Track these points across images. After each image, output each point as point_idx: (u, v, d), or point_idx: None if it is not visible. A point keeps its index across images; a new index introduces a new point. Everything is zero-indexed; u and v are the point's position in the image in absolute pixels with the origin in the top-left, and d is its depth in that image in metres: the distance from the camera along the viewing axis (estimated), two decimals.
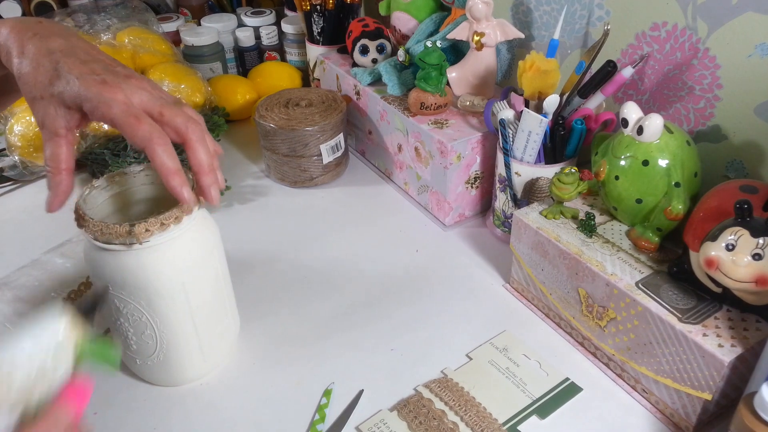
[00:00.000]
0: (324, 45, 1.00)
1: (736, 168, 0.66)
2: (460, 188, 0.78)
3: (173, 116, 0.48)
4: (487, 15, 0.75)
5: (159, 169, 0.46)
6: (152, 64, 0.92)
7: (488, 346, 0.62)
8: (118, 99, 0.45)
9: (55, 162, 0.47)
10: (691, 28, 0.65)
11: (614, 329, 0.57)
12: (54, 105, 0.46)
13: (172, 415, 0.57)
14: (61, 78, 0.45)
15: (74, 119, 0.47)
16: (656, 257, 0.58)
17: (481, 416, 0.55)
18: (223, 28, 1.12)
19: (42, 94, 0.46)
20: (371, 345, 0.63)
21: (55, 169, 0.47)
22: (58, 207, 0.48)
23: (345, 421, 0.55)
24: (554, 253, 0.61)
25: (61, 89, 0.45)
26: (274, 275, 0.73)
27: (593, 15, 0.74)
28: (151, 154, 0.45)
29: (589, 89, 0.68)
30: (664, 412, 0.55)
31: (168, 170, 0.46)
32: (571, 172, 0.62)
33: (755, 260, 0.47)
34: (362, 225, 0.81)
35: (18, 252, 0.76)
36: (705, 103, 0.66)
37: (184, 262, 0.52)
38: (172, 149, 0.46)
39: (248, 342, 0.64)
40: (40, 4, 1.13)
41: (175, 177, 0.46)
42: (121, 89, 0.46)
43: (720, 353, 0.48)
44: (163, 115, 0.47)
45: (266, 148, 0.87)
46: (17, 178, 0.90)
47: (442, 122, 0.78)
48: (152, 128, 0.46)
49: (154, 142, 0.45)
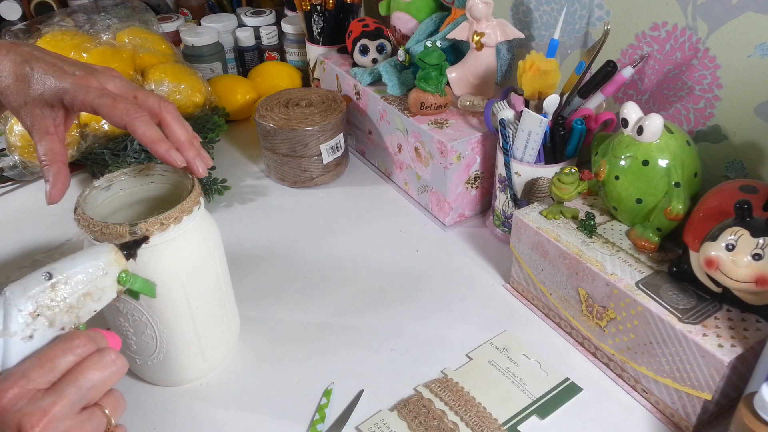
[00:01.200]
0: (324, 45, 1.00)
1: (736, 168, 0.66)
2: (460, 188, 0.78)
3: (146, 97, 0.51)
4: (487, 15, 0.76)
5: (142, 139, 0.49)
6: (152, 64, 0.92)
7: (488, 346, 0.62)
8: (92, 85, 0.49)
9: (50, 155, 0.49)
10: (691, 28, 0.65)
11: (614, 329, 0.57)
12: (38, 106, 0.49)
13: (172, 415, 0.57)
14: (38, 80, 0.49)
15: (59, 116, 0.50)
16: (656, 257, 0.58)
17: (481, 416, 0.55)
18: (223, 28, 1.12)
19: (25, 99, 0.49)
20: (371, 345, 0.63)
21: (51, 161, 0.49)
22: (59, 197, 0.50)
23: (345, 421, 0.55)
24: (554, 253, 0.61)
25: (40, 90, 0.49)
26: (274, 275, 0.73)
27: (593, 15, 0.74)
28: (132, 128, 0.48)
29: (589, 89, 0.68)
30: (664, 412, 0.55)
31: (151, 139, 0.49)
32: (571, 172, 0.62)
33: (755, 260, 0.47)
34: (362, 225, 0.81)
35: (18, 252, 0.76)
36: (705, 103, 0.66)
37: (184, 261, 0.52)
38: (150, 121, 0.50)
39: (248, 342, 0.64)
40: (40, 4, 1.13)
41: (160, 144, 0.50)
42: (94, 77, 0.50)
43: (720, 353, 0.48)
44: (137, 98, 0.51)
45: (266, 148, 0.87)
46: (17, 178, 0.90)
47: (442, 122, 0.78)
48: (128, 105, 0.49)
49: (132, 116, 0.48)
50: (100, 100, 0.48)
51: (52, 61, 0.50)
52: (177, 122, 0.52)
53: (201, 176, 0.52)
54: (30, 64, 0.49)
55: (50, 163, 0.49)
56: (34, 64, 0.49)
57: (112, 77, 0.51)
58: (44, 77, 0.49)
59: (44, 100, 0.49)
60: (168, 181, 0.57)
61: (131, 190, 0.57)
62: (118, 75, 0.52)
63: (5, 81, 0.49)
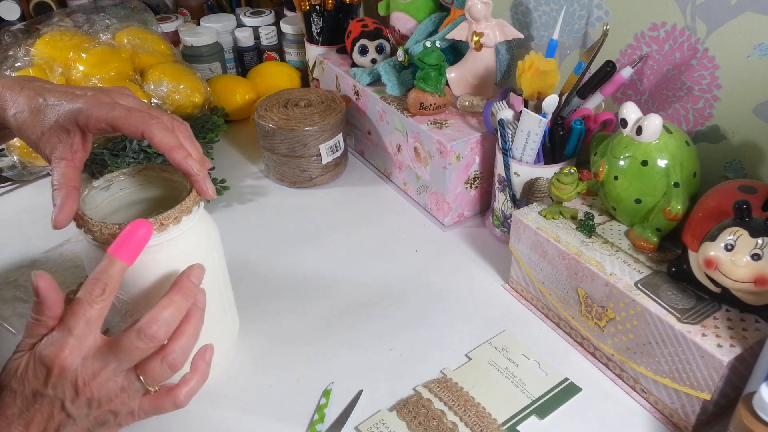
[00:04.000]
0: (323, 45, 1.00)
1: (735, 168, 0.66)
2: (459, 188, 0.78)
3: (159, 115, 0.51)
4: (486, 15, 0.76)
5: (159, 145, 0.49)
6: (151, 64, 0.92)
7: (487, 346, 0.62)
8: (104, 101, 0.49)
9: (62, 180, 0.49)
10: (690, 29, 0.65)
11: (613, 329, 0.57)
12: (55, 134, 0.50)
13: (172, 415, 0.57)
14: (52, 108, 0.49)
15: (77, 141, 0.50)
16: (655, 257, 0.58)
17: (481, 416, 0.55)
18: (222, 28, 1.12)
19: (42, 131, 0.50)
20: (370, 345, 0.63)
21: (62, 185, 0.49)
22: (65, 222, 0.49)
23: (344, 421, 0.55)
24: (553, 253, 0.61)
25: (55, 117, 0.49)
26: (274, 275, 0.73)
27: (592, 15, 0.74)
28: (150, 135, 0.49)
29: (588, 89, 0.68)
30: (663, 412, 0.55)
31: (169, 145, 0.49)
32: (570, 172, 0.62)
33: (754, 260, 0.47)
34: (361, 225, 0.81)
35: (17, 252, 0.76)
36: (704, 104, 0.66)
37: (183, 262, 0.52)
38: (167, 128, 0.50)
39: (247, 342, 0.64)
40: (39, 4, 1.13)
41: (178, 150, 0.49)
42: (107, 95, 0.50)
43: (719, 353, 0.48)
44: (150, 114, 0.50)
45: (265, 149, 0.87)
46: (16, 179, 0.90)
47: (442, 122, 0.78)
48: (144, 113, 0.49)
49: (148, 123, 0.49)
50: (114, 113, 0.49)
51: (62, 90, 0.51)
52: (190, 142, 0.52)
53: (210, 198, 0.52)
54: (42, 95, 0.50)
55: (60, 188, 0.49)
56: (47, 95, 0.50)
57: (125, 95, 0.52)
58: (57, 104, 0.49)
59: (60, 126, 0.49)
60: (167, 182, 0.57)
61: (130, 190, 0.57)
62: (130, 93, 0.53)
63: (22, 116, 0.50)
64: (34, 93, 0.50)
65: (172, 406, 0.47)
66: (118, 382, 0.44)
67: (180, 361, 0.46)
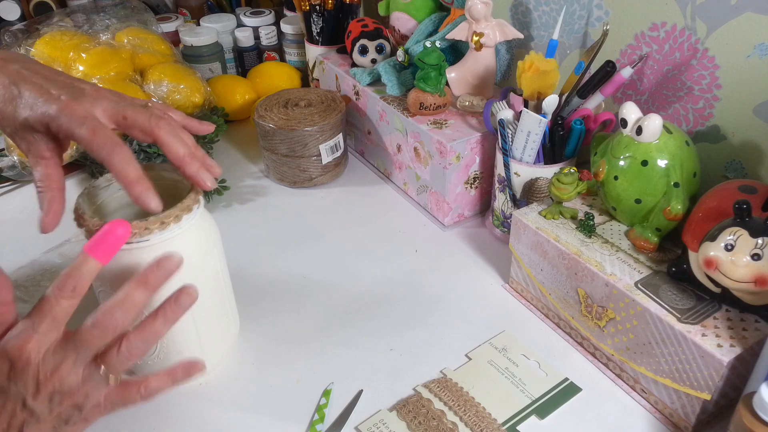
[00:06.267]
0: (323, 45, 1.00)
1: (735, 168, 0.66)
2: (459, 188, 0.78)
3: (136, 116, 0.48)
4: (486, 15, 0.76)
5: (117, 177, 0.46)
6: (151, 64, 0.92)
7: (487, 346, 0.62)
8: (78, 114, 0.46)
9: (46, 181, 0.48)
10: (690, 29, 0.65)
11: (613, 329, 0.57)
12: (29, 132, 0.47)
13: (172, 415, 0.57)
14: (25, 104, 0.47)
15: (51, 142, 0.48)
16: (655, 257, 0.58)
17: (481, 416, 0.55)
18: (222, 28, 1.12)
19: (15, 125, 0.47)
20: (370, 345, 0.63)
21: (46, 187, 0.48)
22: (52, 226, 0.48)
23: (344, 421, 0.55)
24: (553, 253, 0.61)
25: (26, 115, 0.46)
26: (274, 275, 0.73)
27: (592, 15, 0.74)
28: (109, 164, 0.46)
29: (588, 89, 0.68)
30: (663, 412, 0.55)
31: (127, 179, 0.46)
32: (570, 172, 0.62)
33: (754, 260, 0.47)
34: (361, 225, 0.81)
35: (17, 252, 0.76)
36: (704, 104, 0.66)
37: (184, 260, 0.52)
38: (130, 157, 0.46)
39: (248, 342, 0.64)
40: (39, 4, 1.13)
41: (136, 186, 0.46)
42: (80, 103, 0.47)
43: (719, 353, 0.48)
44: (126, 118, 0.48)
45: (265, 149, 0.87)
46: (16, 179, 0.90)
47: (442, 122, 0.78)
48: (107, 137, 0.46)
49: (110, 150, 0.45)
50: (80, 131, 0.46)
51: (39, 82, 0.48)
52: (173, 138, 0.49)
53: (208, 188, 0.50)
54: (18, 85, 0.47)
55: (45, 190, 0.48)
56: (22, 87, 0.47)
57: (100, 98, 0.48)
58: (31, 102, 0.47)
59: (31, 126, 0.47)
60: (167, 181, 0.57)
61: None
62: (106, 95, 0.49)
63: None
64: (9, 81, 0.47)
65: (138, 396, 0.46)
66: (79, 374, 0.43)
67: (136, 352, 0.44)
